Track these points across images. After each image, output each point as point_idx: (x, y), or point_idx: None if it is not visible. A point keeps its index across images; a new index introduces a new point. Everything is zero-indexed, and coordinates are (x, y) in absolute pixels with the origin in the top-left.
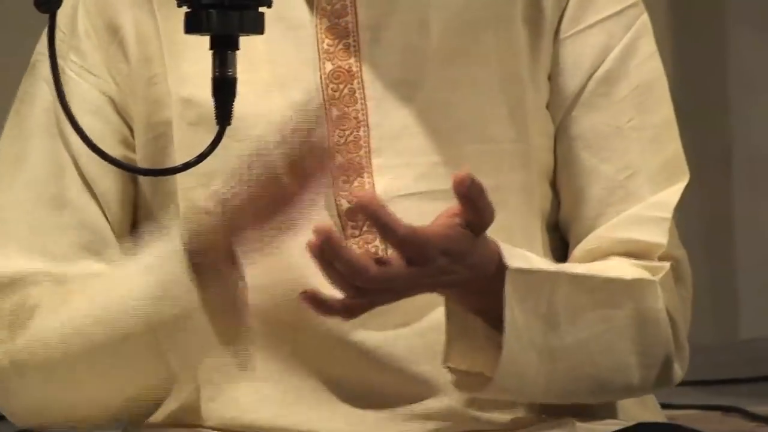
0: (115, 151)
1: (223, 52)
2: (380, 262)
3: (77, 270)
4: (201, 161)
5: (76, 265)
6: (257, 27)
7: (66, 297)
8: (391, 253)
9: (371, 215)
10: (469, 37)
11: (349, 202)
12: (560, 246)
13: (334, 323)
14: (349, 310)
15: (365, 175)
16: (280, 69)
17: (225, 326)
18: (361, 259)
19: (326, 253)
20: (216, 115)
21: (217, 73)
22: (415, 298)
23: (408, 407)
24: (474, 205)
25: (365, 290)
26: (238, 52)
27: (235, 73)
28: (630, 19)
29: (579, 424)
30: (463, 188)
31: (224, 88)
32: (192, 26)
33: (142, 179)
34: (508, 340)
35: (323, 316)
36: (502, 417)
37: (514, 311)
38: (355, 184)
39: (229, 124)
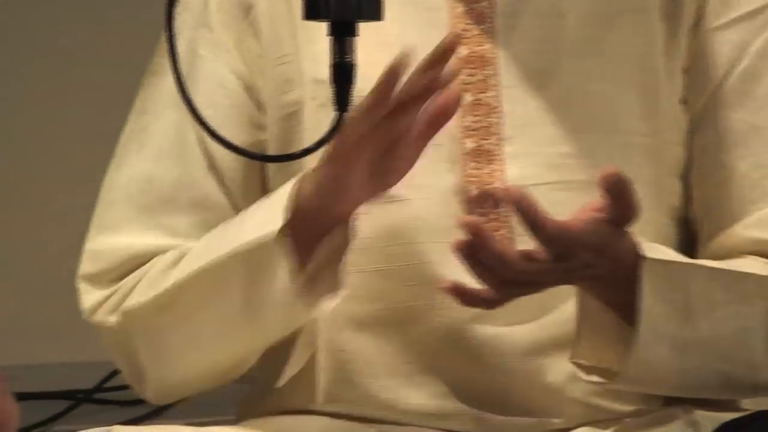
0: (242, 131)
1: (342, 38)
2: (527, 255)
3: None
4: (320, 147)
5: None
6: (375, 13)
7: (177, 260)
8: (536, 246)
9: (520, 210)
10: (605, 28)
11: (478, 188)
12: (686, 242)
13: (451, 316)
14: (490, 301)
15: (496, 162)
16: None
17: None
18: (509, 254)
19: (473, 245)
20: (334, 102)
21: (335, 60)
22: (533, 299)
23: (524, 402)
24: (620, 201)
25: (509, 282)
26: (369, 34)
27: (353, 59)
28: None
29: (697, 411)
30: (610, 184)
31: (343, 75)
32: (310, 13)
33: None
34: (641, 330)
35: (464, 306)
36: (625, 407)
37: (648, 302)
38: (486, 170)
39: (348, 110)
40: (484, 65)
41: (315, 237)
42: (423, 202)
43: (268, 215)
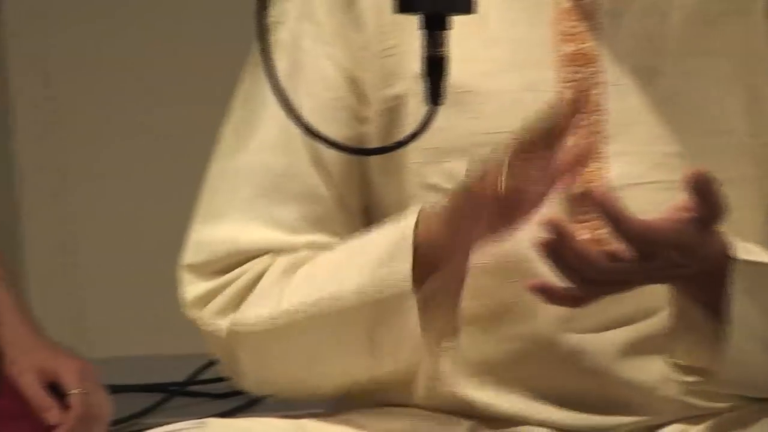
0: (343, 124)
1: (434, 31)
2: (611, 255)
3: (305, 242)
4: (413, 140)
5: (304, 237)
6: (467, 6)
7: (290, 271)
8: (621, 246)
9: (605, 210)
10: (709, 27)
11: (581, 186)
12: None
13: (548, 316)
14: (575, 300)
15: (598, 160)
16: (515, 47)
17: (438, 314)
18: (592, 253)
19: (556, 244)
20: (426, 95)
21: (427, 53)
22: (625, 301)
23: (616, 402)
24: (707, 200)
25: (593, 282)
26: (474, 30)
27: (446, 52)
28: None
29: None
30: (697, 183)
31: (434, 68)
32: (402, 6)
33: (371, 157)
34: (733, 331)
35: (550, 304)
36: (717, 404)
37: (739, 303)
38: (588, 169)
39: (441, 103)
40: (588, 63)
41: (432, 267)
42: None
43: (394, 256)
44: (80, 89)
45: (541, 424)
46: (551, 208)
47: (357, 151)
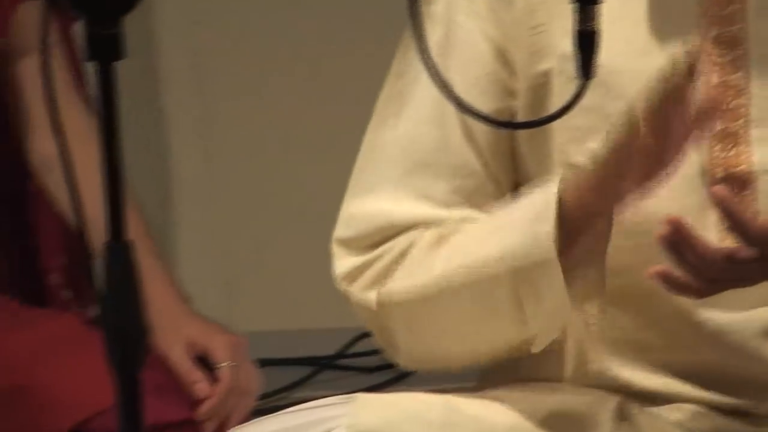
0: (494, 98)
1: (586, 5)
2: (730, 256)
3: (457, 216)
4: (563, 114)
5: (456, 212)
6: None
7: (438, 242)
8: (741, 245)
9: (724, 210)
10: None
11: (724, 171)
12: None
13: (688, 299)
14: (698, 292)
15: (742, 144)
16: (661, 28)
17: (583, 286)
18: (710, 252)
19: (677, 241)
20: (578, 70)
21: (578, 27)
22: None
23: (758, 382)
24: None
25: (714, 279)
26: (620, 8)
27: (597, 26)
28: None
29: None
30: None
31: (585, 42)
32: None
33: (520, 132)
34: None
35: (671, 293)
36: None
37: None
38: (732, 153)
39: (591, 77)
40: (734, 46)
41: (576, 231)
42: (669, 183)
43: (538, 221)
44: (227, 64)
45: (687, 401)
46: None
47: (507, 124)
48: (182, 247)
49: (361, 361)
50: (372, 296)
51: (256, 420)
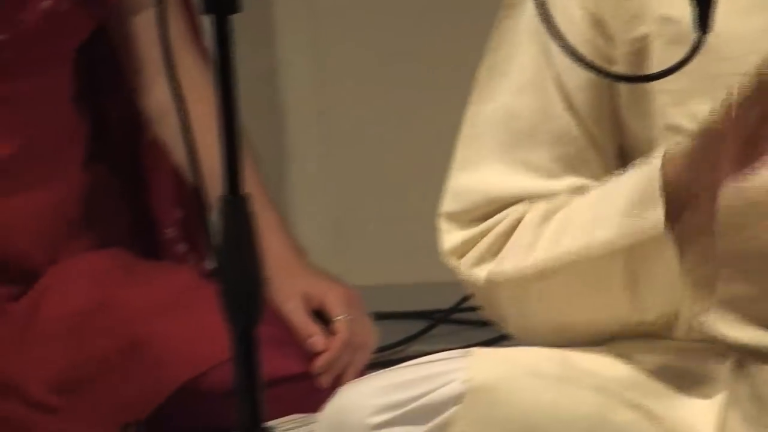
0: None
1: None
2: None
3: (562, 185)
4: (674, 71)
5: (561, 181)
6: None
7: (546, 219)
8: None
9: None
10: None
11: None
12: None
13: None
14: None
15: None
16: None
17: (693, 254)
18: None
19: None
20: (695, 22)
21: None
22: None
23: None
24: None
25: None
26: None
27: None
28: None
29: None
30: None
31: None
32: None
33: (621, 96)
34: None
35: None
36: None
37: None
38: None
39: (709, 31)
40: None
41: (681, 207)
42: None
43: (644, 202)
44: (342, 14)
45: None
46: None
47: (620, 77)
48: (297, 201)
49: (477, 315)
50: (480, 273)
51: (371, 374)
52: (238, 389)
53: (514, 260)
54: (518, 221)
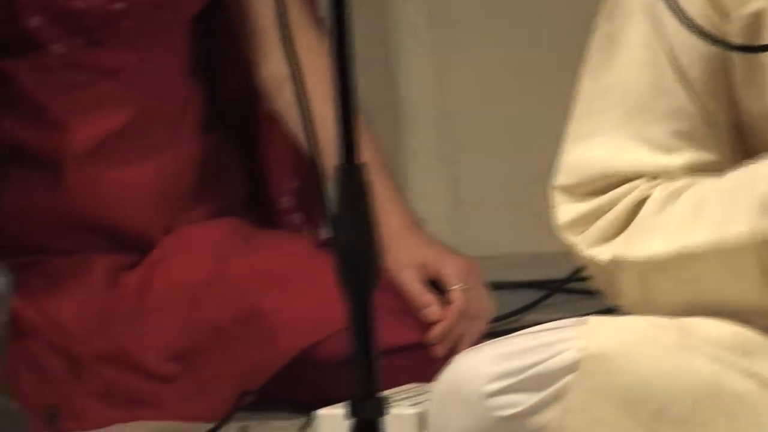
0: (708, 44)
1: None
2: None
3: (679, 161)
4: None
5: (678, 156)
6: None
7: (671, 201)
8: None
9: None
10: None
11: None
12: None
13: None
14: None
15: None
16: None
17: None
18: None
19: None
20: None
21: None
22: None
23: None
24: None
25: None
26: None
27: None
28: None
29: None
30: None
31: None
32: None
33: (736, 71)
34: None
35: None
36: None
37: None
38: None
39: None
40: None
41: None
42: None
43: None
44: None
45: None
46: None
47: (742, 48)
48: (413, 171)
49: (593, 285)
50: (602, 252)
51: (487, 343)
52: (353, 358)
53: (643, 244)
54: (640, 201)
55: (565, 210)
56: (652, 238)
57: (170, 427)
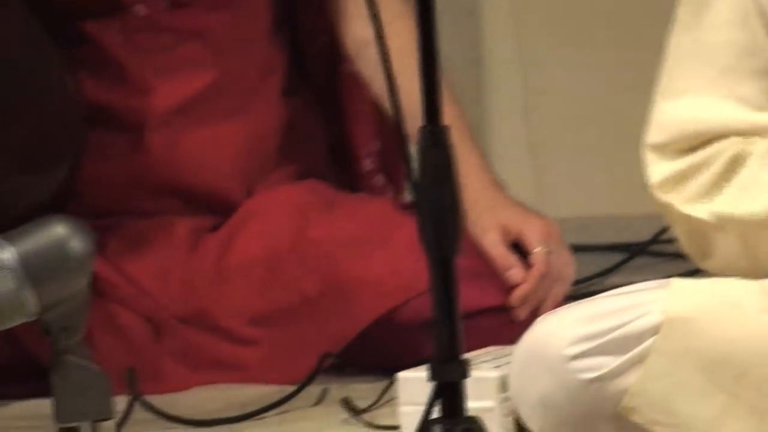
0: None
1: None
2: None
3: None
4: None
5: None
6: None
7: None
8: None
9: None
10: None
11: None
12: None
13: None
14: None
15: None
16: None
17: None
18: None
19: None
20: None
21: None
22: None
23: None
24: None
25: None
26: None
27: None
28: None
29: None
30: None
31: None
32: None
33: None
34: None
35: None
36: None
37: None
38: None
39: None
40: None
41: None
42: None
43: None
44: None
45: None
46: None
47: None
48: (495, 134)
49: (675, 247)
50: (699, 210)
51: (569, 305)
52: (435, 321)
53: (749, 201)
54: (737, 159)
55: (658, 168)
56: (762, 195)
57: (250, 390)
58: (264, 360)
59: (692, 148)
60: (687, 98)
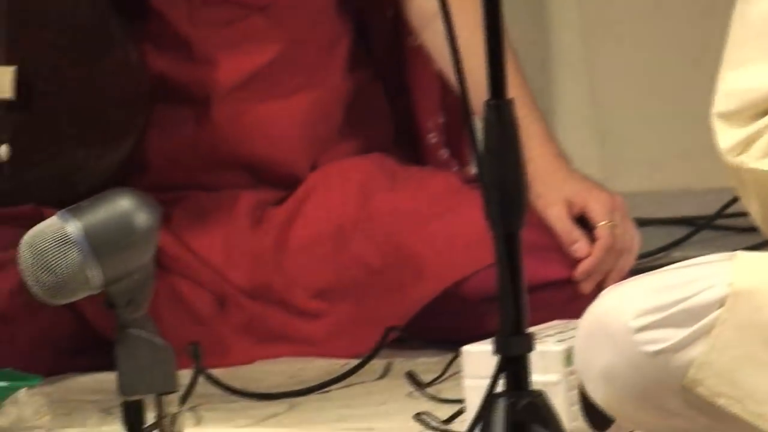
0: None
1: None
2: None
3: None
4: None
5: None
6: None
7: None
8: None
9: None
10: None
11: None
12: None
13: None
14: None
15: None
16: None
17: None
18: None
19: None
20: None
21: None
22: None
23: None
24: None
25: None
26: None
27: None
28: None
29: None
30: None
31: None
32: None
33: None
34: None
35: None
36: None
37: None
38: None
39: None
40: None
41: None
42: None
43: None
44: None
45: None
46: None
47: None
48: (561, 108)
49: (741, 222)
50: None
51: (634, 278)
52: (500, 295)
53: None
54: None
55: (727, 135)
56: None
57: (314, 364)
58: (329, 333)
59: (759, 115)
60: (752, 67)
